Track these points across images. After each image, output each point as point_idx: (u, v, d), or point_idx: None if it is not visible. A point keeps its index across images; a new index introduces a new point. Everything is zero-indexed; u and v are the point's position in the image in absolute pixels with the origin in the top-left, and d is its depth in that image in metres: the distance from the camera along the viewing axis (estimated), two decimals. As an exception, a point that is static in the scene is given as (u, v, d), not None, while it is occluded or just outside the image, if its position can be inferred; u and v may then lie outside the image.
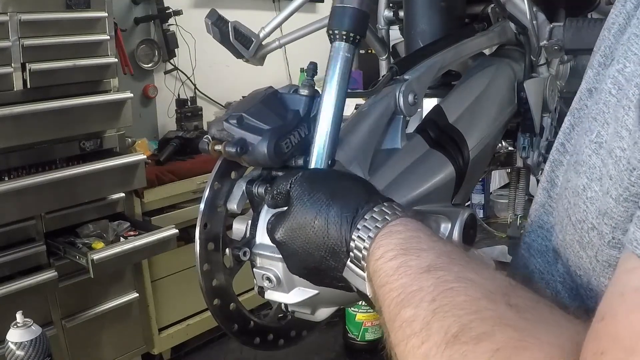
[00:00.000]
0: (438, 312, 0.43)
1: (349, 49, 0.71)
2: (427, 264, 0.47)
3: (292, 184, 0.60)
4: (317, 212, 0.56)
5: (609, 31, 0.54)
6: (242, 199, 0.69)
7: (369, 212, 0.54)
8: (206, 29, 1.06)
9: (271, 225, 0.61)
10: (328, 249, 0.56)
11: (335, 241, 0.55)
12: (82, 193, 2.19)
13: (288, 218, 0.58)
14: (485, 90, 1.06)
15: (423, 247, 0.49)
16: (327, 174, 0.63)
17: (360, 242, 0.53)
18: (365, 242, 0.53)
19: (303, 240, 0.57)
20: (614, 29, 0.52)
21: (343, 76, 0.71)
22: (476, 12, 1.19)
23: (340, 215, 0.55)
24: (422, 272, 0.47)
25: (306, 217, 0.57)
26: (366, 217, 0.54)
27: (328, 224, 0.55)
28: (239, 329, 0.71)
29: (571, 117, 0.58)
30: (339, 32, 0.71)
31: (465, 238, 0.90)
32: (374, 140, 0.82)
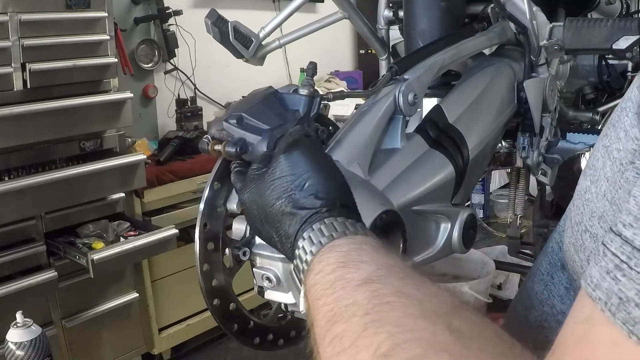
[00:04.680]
0: (369, 327, 0.39)
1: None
2: (365, 277, 0.44)
3: (280, 148, 0.58)
4: (281, 194, 0.55)
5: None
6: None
7: (320, 222, 0.52)
8: (206, 29, 1.06)
9: (241, 184, 0.61)
10: (278, 234, 0.55)
11: (284, 233, 0.54)
12: (82, 193, 2.19)
13: (257, 184, 0.57)
14: (485, 90, 1.06)
15: (364, 259, 0.47)
16: (316, 151, 0.59)
17: (303, 254, 0.52)
18: (307, 256, 0.51)
19: (261, 212, 0.56)
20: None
21: None
22: (476, 12, 1.19)
23: (299, 209, 0.53)
24: (358, 285, 0.44)
25: (271, 193, 0.55)
26: (314, 228, 0.52)
27: (284, 213, 0.54)
28: (239, 329, 0.71)
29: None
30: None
31: (465, 238, 0.90)
32: (374, 140, 0.82)
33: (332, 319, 0.43)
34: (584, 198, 0.47)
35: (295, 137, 0.58)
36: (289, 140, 0.58)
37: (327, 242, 0.50)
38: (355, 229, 0.52)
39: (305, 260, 0.51)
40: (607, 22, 1.12)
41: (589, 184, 0.47)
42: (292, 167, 0.55)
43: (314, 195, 0.53)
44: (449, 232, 0.89)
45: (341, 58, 4.13)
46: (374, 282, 0.43)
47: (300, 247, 0.52)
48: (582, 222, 0.47)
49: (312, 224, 0.52)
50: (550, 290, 0.58)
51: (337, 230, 0.51)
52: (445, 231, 0.89)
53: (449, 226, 0.89)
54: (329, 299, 0.44)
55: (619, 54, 1.12)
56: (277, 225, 0.55)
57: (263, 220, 0.56)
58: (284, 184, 0.55)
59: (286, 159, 0.56)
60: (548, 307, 0.58)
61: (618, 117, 0.45)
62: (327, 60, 3.83)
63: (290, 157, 0.56)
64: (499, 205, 4.35)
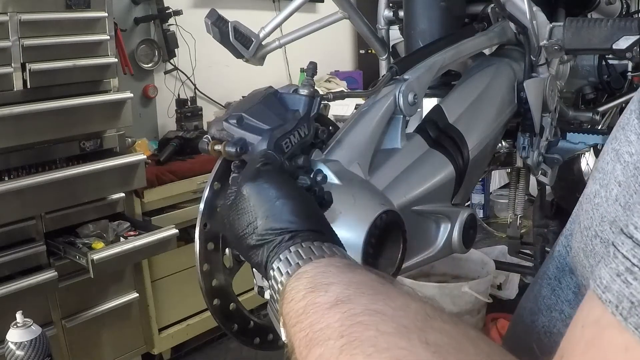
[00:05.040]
0: (345, 350, 0.40)
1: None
2: (334, 298, 0.45)
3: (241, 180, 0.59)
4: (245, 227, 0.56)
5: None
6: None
7: (285, 251, 0.53)
8: (206, 29, 1.06)
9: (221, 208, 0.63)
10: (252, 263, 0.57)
11: (255, 263, 0.55)
12: (82, 193, 2.18)
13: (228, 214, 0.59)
14: (485, 90, 1.06)
15: (331, 281, 0.47)
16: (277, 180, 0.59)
17: (275, 284, 0.52)
18: (278, 285, 0.52)
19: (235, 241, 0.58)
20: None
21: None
22: (476, 12, 1.19)
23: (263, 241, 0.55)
24: (329, 308, 0.44)
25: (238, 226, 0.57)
26: (281, 257, 0.53)
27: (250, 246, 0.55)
28: (239, 329, 0.71)
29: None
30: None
31: (465, 238, 0.90)
32: (374, 140, 0.82)
33: (308, 344, 0.43)
34: (594, 202, 0.47)
35: (256, 167, 0.59)
36: (249, 172, 0.59)
37: (295, 270, 0.51)
38: (320, 252, 0.52)
39: (278, 290, 0.52)
40: (607, 22, 1.12)
41: (598, 187, 0.46)
42: (252, 199, 0.57)
43: (276, 225, 0.55)
44: (449, 232, 0.89)
45: (341, 58, 4.13)
46: (344, 303, 0.44)
47: (272, 277, 0.53)
48: (592, 226, 0.46)
49: (279, 254, 0.53)
50: (558, 295, 0.57)
51: (303, 257, 0.52)
52: (445, 231, 0.89)
53: (449, 226, 0.89)
54: (303, 325, 0.45)
55: (619, 54, 1.12)
56: (248, 255, 0.56)
57: (238, 249, 0.58)
58: (246, 217, 0.56)
59: (247, 191, 0.57)
60: (557, 313, 0.57)
61: (627, 120, 0.44)
62: (327, 60, 3.83)
63: (251, 189, 0.57)
64: (499, 205, 4.35)
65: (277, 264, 0.53)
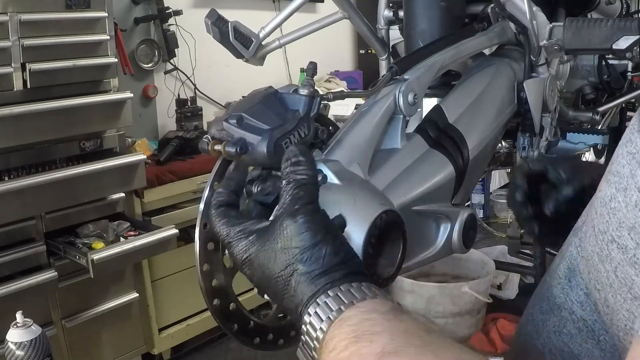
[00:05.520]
0: None
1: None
2: (380, 350, 0.43)
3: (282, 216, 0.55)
4: (284, 266, 0.52)
5: None
6: (242, 199, 0.68)
7: (325, 295, 0.50)
8: (206, 29, 1.06)
9: (233, 239, 0.57)
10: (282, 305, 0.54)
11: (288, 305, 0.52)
12: (82, 193, 2.19)
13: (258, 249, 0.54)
14: (485, 90, 1.06)
15: (376, 330, 0.45)
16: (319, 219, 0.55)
17: (313, 330, 0.49)
18: (318, 332, 0.49)
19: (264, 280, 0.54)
20: None
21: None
22: (476, 12, 1.19)
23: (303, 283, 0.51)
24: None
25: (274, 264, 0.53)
26: (319, 302, 0.50)
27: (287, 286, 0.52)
28: (239, 329, 0.71)
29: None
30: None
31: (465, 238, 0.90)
32: (374, 140, 0.82)
33: None
34: (609, 206, 0.46)
35: (299, 204, 0.55)
36: (292, 208, 0.55)
37: (337, 316, 0.49)
38: (361, 294, 0.50)
39: (316, 338, 0.49)
40: (607, 22, 1.12)
41: (614, 191, 0.45)
42: (295, 237, 0.53)
43: (318, 267, 0.52)
44: (449, 232, 0.89)
45: (341, 58, 4.13)
46: (391, 355, 0.42)
47: (307, 323, 0.50)
48: (608, 231, 0.45)
49: (317, 298, 0.50)
50: (568, 294, 0.56)
51: (345, 302, 0.49)
52: (445, 231, 0.89)
53: (449, 226, 0.89)
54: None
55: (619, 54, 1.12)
56: (281, 296, 0.53)
57: (266, 288, 0.55)
58: (287, 256, 0.53)
59: (290, 230, 0.53)
60: (567, 313, 0.56)
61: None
62: (327, 60, 3.83)
63: (293, 226, 0.53)
64: (499, 205, 4.35)
65: (314, 309, 0.50)
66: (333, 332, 0.47)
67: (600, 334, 0.52)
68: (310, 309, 0.50)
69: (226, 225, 0.58)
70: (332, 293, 0.50)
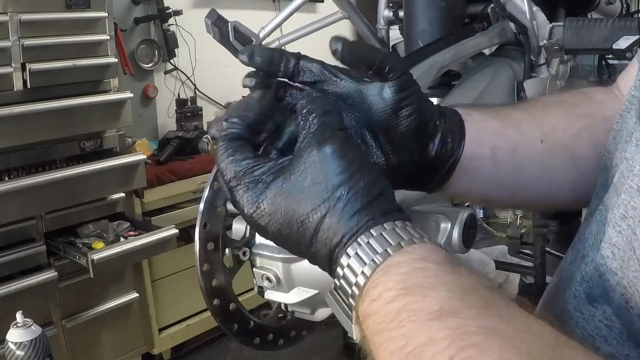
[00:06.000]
0: None
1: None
2: (437, 308, 0.37)
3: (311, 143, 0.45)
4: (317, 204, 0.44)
5: None
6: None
7: (367, 233, 0.43)
8: (206, 29, 1.06)
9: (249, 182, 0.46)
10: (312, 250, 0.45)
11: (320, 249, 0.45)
12: (82, 193, 2.19)
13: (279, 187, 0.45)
14: (485, 90, 1.06)
15: (431, 283, 0.39)
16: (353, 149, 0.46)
17: (352, 274, 0.42)
18: (359, 278, 0.42)
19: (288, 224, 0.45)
20: None
21: None
22: (476, 12, 1.19)
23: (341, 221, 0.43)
24: (432, 319, 0.37)
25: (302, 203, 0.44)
26: (360, 242, 0.42)
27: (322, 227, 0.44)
28: (239, 329, 0.71)
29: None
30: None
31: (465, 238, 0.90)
32: (374, 140, 0.82)
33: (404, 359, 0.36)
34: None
35: (328, 130, 0.46)
36: (320, 136, 0.46)
37: (382, 260, 0.41)
38: (409, 235, 0.43)
39: (355, 283, 0.42)
40: (607, 22, 1.12)
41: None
42: (327, 169, 0.44)
43: (357, 202, 0.44)
44: (449, 232, 0.89)
45: (341, 58, 4.13)
46: (450, 316, 0.37)
47: (345, 266, 0.43)
48: None
49: (358, 237, 0.43)
50: (584, 328, 0.49)
51: (392, 244, 0.42)
52: (445, 231, 0.89)
53: (449, 226, 0.89)
54: (394, 334, 0.38)
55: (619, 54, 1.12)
56: (309, 241, 0.45)
57: (288, 236, 0.46)
58: (319, 191, 0.44)
59: (319, 158, 0.45)
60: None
61: None
62: (327, 60, 3.82)
63: (324, 156, 0.45)
64: (499, 205, 4.35)
65: (355, 249, 0.42)
66: (378, 279, 0.41)
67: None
68: (350, 250, 0.42)
69: (235, 162, 0.47)
70: (376, 232, 0.42)
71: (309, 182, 0.44)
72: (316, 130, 0.46)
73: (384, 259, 0.41)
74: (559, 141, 0.59)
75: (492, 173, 0.59)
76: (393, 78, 0.53)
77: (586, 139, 0.60)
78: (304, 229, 0.45)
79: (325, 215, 0.44)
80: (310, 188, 0.44)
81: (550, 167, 0.60)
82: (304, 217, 0.44)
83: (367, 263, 0.42)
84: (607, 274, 0.47)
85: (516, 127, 0.59)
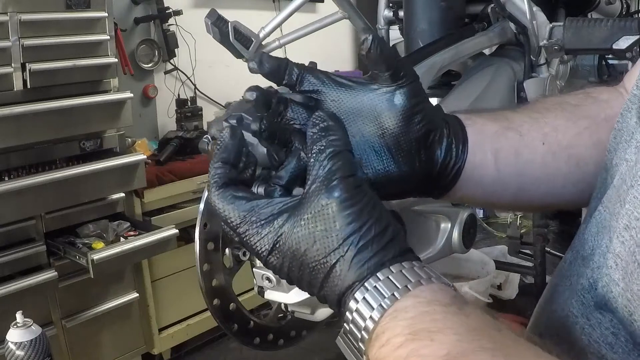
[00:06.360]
0: None
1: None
2: (445, 352, 0.37)
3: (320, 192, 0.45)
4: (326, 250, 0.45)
5: None
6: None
7: (373, 278, 0.43)
8: (206, 29, 1.06)
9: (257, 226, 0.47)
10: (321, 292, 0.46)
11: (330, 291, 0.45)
12: (82, 193, 2.19)
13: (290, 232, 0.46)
14: (485, 90, 1.06)
15: (439, 327, 0.39)
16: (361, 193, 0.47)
17: (360, 319, 0.43)
18: (367, 322, 0.42)
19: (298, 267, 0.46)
20: None
21: None
22: (476, 12, 1.19)
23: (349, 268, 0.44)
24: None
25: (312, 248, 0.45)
26: (367, 287, 0.43)
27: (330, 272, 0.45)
28: (239, 329, 0.71)
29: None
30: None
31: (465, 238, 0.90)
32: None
33: None
34: None
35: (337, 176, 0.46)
36: (329, 182, 0.46)
37: (390, 304, 0.42)
38: (416, 277, 0.43)
39: (364, 328, 0.42)
40: (607, 22, 1.12)
41: None
42: (338, 218, 0.45)
43: (368, 250, 0.44)
44: (449, 232, 0.89)
45: (341, 58, 4.13)
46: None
47: (353, 310, 0.43)
48: None
49: (366, 282, 0.43)
50: (590, 335, 0.49)
51: (398, 287, 0.42)
52: (445, 231, 0.89)
53: (449, 226, 0.89)
54: None
55: (619, 54, 1.12)
56: (320, 284, 0.46)
57: (300, 278, 0.47)
58: (330, 240, 0.45)
59: (329, 207, 0.45)
60: (595, 358, 0.49)
61: None
62: (327, 60, 3.83)
63: (334, 204, 0.45)
64: (499, 205, 4.34)
65: (362, 294, 0.43)
66: (386, 324, 0.41)
67: None
68: (358, 295, 0.43)
69: (237, 208, 0.47)
70: (383, 276, 0.43)
71: (320, 230, 0.45)
72: (326, 176, 0.46)
73: (392, 303, 0.42)
74: (560, 142, 0.59)
75: (496, 177, 0.59)
76: (405, 84, 0.53)
77: (588, 139, 0.60)
78: (315, 273, 0.45)
79: (335, 263, 0.44)
80: (322, 235, 0.45)
81: (552, 168, 0.60)
82: (316, 264, 0.45)
83: (375, 308, 0.42)
84: (610, 284, 0.47)
85: (516, 130, 0.59)
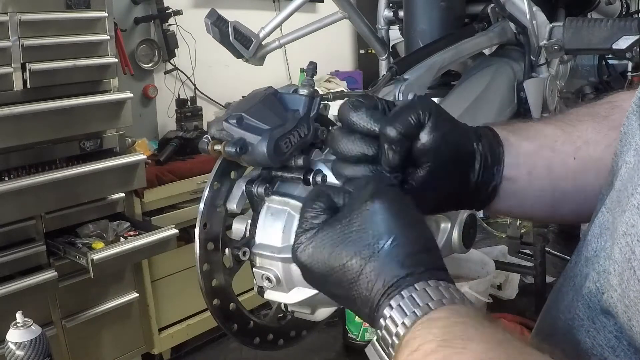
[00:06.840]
0: None
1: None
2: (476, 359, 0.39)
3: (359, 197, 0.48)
4: (360, 250, 0.46)
5: None
6: (242, 199, 0.68)
7: (410, 287, 0.44)
8: (206, 29, 1.06)
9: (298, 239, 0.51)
10: (351, 297, 0.47)
11: (361, 296, 0.46)
12: (82, 193, 2.19)
13: (324, 235, 0.48)
14: (485, 90, 1.06)
15: (470, 336, 0.41)
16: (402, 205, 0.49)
17: (392, 325, 0.44)
18: (399, 328, 0.44)
19: (327, 270, 0.48)
20: None
21: None
22: (476, 12, 1.19)
23: (384, 270, 0.45)
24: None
25: (345, 248, 0.47)
26: (403, 295, 0.44)
27: (362, 273, 0.46)
28: (239, 329, 0.71)
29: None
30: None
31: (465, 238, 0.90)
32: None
33: None
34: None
35: (379, 186, 0.49)
36: (371, 190, 0.49)
37: (423, 313, 0.43)
38: (451, 296, 0.45)
39: (396, 334, 0.44)
40: (607, 22, 1.12)
41: None
42: (375, 219, 0.47)
43: (401, 255, 0.46)
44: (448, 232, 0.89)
45: (341, 58, 4.13)
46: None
47: (387, 317, 0.44)
48: None
49: (401, 290, 0.44)
50: (594, 338, 0.50)
51: (433, 299, 0.44)
52: (445, 231, 0.89)
53: (449, 226, 0.89)
54: None
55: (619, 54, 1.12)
56: (350, 286, 0.47)
57: (327, 280, 0.48)
58: (364, 238, 0.46)
59: (368, 210, 0.47)
60: (596, 359, 0.50)
61: None
62: (327, 60, 3.83)
63: (373, 209, 0.47)
64: (499, 205, 4.34)
65: (397, 302, 0.44)
66: (418, 331, 0.43)
67: None
68: (393, 302, 0.44)
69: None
70: (419, 287, 0.44)
71: (356, 229, 0.47)
72: (368, 185, 0.50)
73: (425, 313, 0.43)
74: (591, 155, 0.61)
75: (530, 193, 0.62)
76: (425, 122, 0.56)
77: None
78: (345, 271, 0.47)
79: (368, 258, 0.46)
80: (356, 234, 0.47)
81: (583, 181, 0.61)
82: (347, 260, 0.46)
83: (408, 314, 0.43)
84: (610, 290, 0.48)
85: (550, 147, 0.61)
